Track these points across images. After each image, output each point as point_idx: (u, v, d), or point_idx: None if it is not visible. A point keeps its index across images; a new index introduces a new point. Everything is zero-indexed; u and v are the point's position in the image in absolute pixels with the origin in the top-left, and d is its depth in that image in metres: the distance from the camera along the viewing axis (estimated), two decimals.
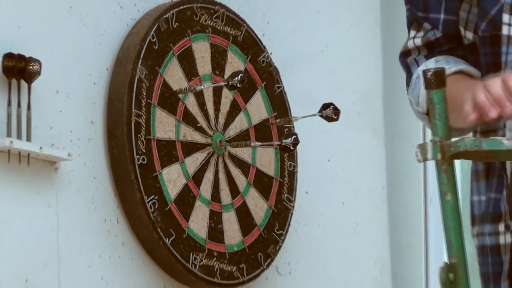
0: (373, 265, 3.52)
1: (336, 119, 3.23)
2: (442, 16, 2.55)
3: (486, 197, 2.59)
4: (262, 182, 3.23)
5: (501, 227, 2.53)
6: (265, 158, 3.25)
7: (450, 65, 2.50)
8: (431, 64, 2.53)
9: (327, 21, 3.53)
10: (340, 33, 3.57)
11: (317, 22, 3.50)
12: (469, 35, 2.52)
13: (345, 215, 3.50)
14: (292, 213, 3.28)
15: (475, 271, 2.71)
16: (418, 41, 2.56)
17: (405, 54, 2.62)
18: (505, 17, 2.50)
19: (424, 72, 2.50)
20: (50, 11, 2.89)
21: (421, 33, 2.55)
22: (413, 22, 2.58)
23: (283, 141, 3.20)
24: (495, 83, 2.26)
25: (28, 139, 2.76)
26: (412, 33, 2.58)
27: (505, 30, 2.50)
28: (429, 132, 2.62)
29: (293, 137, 3.21)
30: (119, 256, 2.95)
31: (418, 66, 2.55)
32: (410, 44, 2.58)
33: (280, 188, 3.26)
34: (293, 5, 3.45)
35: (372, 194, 3.58)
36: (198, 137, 3.09)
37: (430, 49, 2.56)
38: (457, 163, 2.54)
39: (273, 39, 3.35)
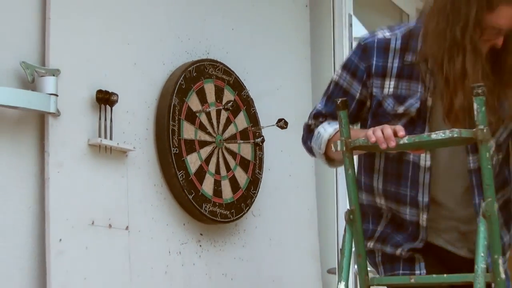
0: (306, 210, 3.54)
1: (286, 128, 3.23)
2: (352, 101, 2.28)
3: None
4: (244, 163, 3.22)
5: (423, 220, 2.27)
6: (246, 150, 3.24)
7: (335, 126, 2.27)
8: (325, 124, 2.31)
9: (281, 72, 3.52)
10: (288, 78, 3.56)
11: (275, 73, 3.50)
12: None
13: (291, 182, 3.49)
14: (260, 181, 3.28)
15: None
16: (329, 109, 2.33)
17: (315, 117, 2.36)
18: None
19: (335, 101, 2.44)
20: (123, 65, 2.89)
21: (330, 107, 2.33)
22: (330, 98, 2.32)
23: (256, 140, 3.24)
24: (388, 127, 2.07)
25: (111, 138, 2.77)
26: (323, 104, 2.34)
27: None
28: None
29: (261, 137, 3.25)
30: (162, 205, 2.95)
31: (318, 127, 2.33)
32: (324, 110, 2.33)
33: (254, 167, 3.25)
34: (262, 63, 3.43)
35: (306, 169, 3.57)
36: (207, 138, 3.09)
37: (333, 118, 2.31)
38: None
39: (250, 82, 3.33)
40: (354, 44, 3.45)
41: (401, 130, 2.06)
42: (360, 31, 3.69)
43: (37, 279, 2.53)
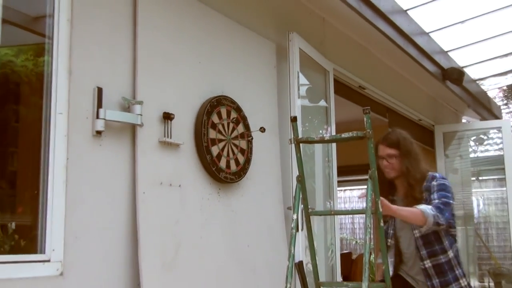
0: (275, 175, 3.48)
1: (264, 132, 3.24)
2: None
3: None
4: (242, 151, 3.18)
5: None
6: (243, 144, 3.20)
7: None
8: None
9: (261, 102, 3.47)
10: (265, 106, 3.50)
11: (258, 103, 3.44)
12: None
13: (267, 161, 3.44)
14: (251, 160, 3.24)
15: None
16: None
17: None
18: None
19: (291, 116, 2.43)
20: (177, 98, 2.85)
21: None
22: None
23: (248, 138, 3.21)
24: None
25: (170, 138, 2.74)
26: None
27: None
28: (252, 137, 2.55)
29: (251, 137, 3.23)
30: (198, 174, 2.92)
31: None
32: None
33: (247, 153, 3.22)
34: (251, 98, 3.38)
35: (275, 154, 3.52)
36: (222, 137, 3.06)
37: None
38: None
39: (245, 107, 3.28)
40: (301, 88, 3.52)
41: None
42: (303, 80, 3.68)
43: (131, 214, 2.53)
